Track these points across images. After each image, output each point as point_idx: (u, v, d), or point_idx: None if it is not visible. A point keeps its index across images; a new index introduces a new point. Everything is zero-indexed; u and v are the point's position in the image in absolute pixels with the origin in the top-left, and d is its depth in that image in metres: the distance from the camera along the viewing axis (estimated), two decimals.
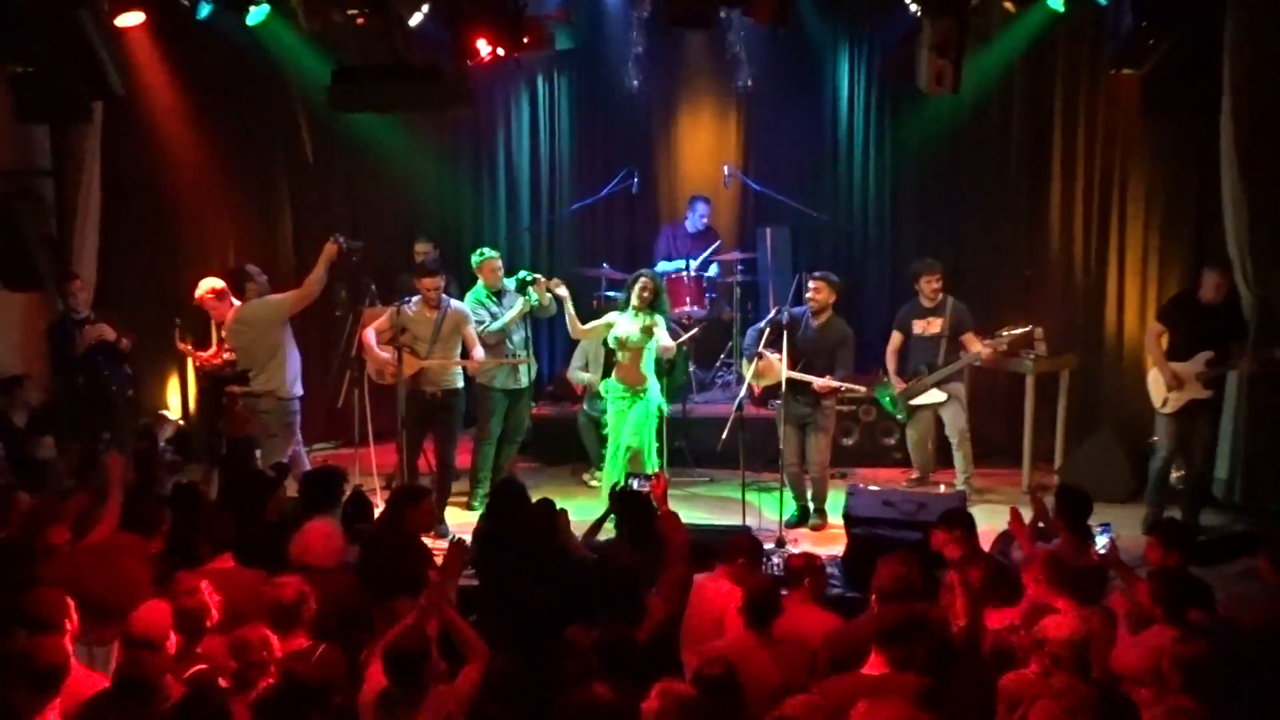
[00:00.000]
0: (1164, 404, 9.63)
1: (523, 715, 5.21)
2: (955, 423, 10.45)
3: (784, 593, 6.45)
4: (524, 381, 10.51)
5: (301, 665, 5.45)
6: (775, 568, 8.15)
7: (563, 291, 10.04)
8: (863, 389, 10.22)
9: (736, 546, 6.87)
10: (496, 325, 10.22)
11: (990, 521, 8.45)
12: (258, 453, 9.77)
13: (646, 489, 7.85)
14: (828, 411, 9.96)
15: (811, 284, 9.87)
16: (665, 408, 10.04)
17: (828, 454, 10.08)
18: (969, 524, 7.11)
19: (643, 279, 9.93)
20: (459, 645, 5.80)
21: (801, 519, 10.04)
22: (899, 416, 10.81)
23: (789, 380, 9.62)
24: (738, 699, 5.09)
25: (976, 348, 10.26)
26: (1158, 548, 6.74)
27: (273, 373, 9.78)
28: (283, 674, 5.28)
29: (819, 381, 9.65)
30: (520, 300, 10.28)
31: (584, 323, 10.06)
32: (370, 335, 9.97)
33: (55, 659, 5.32)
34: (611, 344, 10.09)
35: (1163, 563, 6.54)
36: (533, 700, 5.29)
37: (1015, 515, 7.46)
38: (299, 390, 10.00)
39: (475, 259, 10.55)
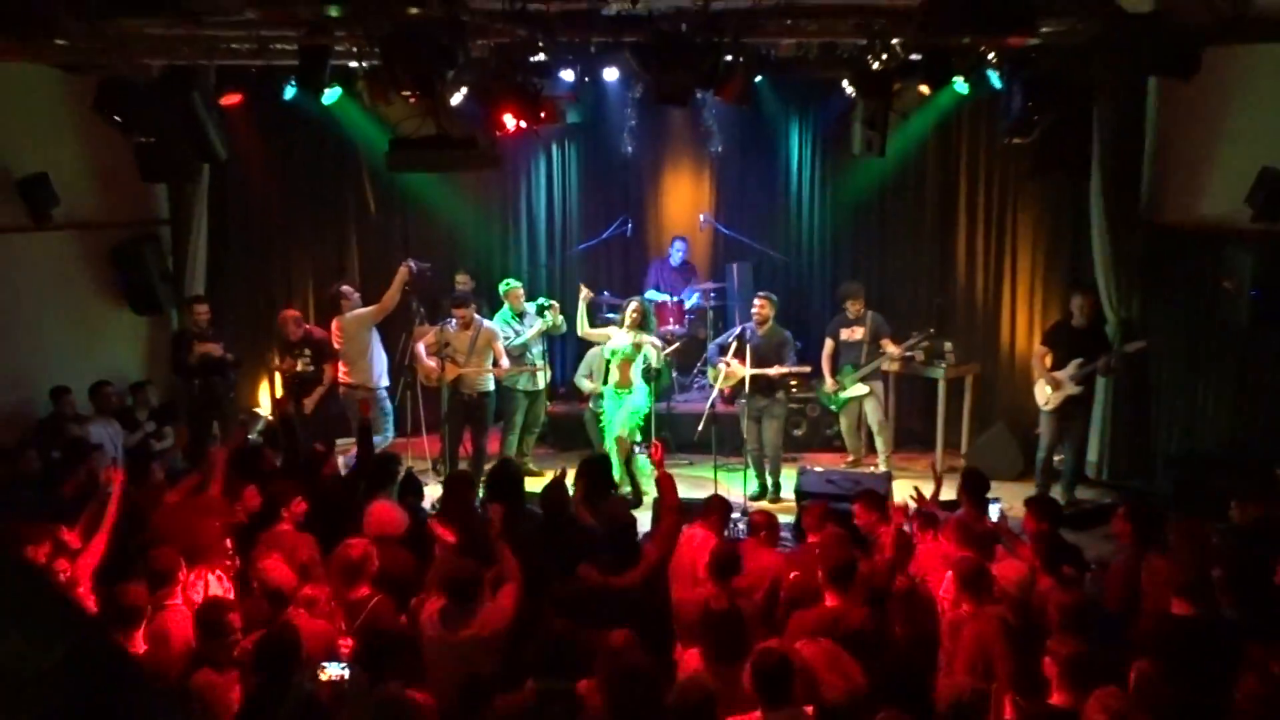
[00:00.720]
0: (1046, 403, 9.74)
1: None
2: (875, 414, 10.53)
3: (746, 538, 6.59)
4: (541, 385, 10.61)
5: (384, 621, 5.51)
6: (740, 532, 8.21)
7: (583, 293, 10.14)
8: (808, 369, 10.32)
9: (712, 506, 7.08)
10: (519, 341, 10.31)
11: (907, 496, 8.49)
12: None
13: (647, 454, 7.85)
14: (780, 404, 10.06)
15: (757, 301, 10.04)
16: (650, 405, 10.10)
17: (780, 438, 10.16)
18: (879, 501, 7.17)
19: (633, 304, 10.01)
20: (501, 569, 5.83)
21: (761, 494, 10.12)
22: (832, 407, 10.88)
23: (751, 381, 9.71)
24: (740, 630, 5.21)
25: (890, 349, 10.35)
26: (1030, 518, 6.81)
27: (363, 368, 10.08)
28: (368, 630, 5.32)
29: (774, 370, 9.79)
30: (539, 321, 10.38)
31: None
32: (421, 348, 10.06)
33: (135, 601, 5.41)
34: (606, 355, 10.17)
35: (1036, 529, 6.60)
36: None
37: (919, 494, 7.49)
38: (385, 381, 10.27)
39: (502, 288, 10.67)
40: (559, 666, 4.77)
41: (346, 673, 4.71)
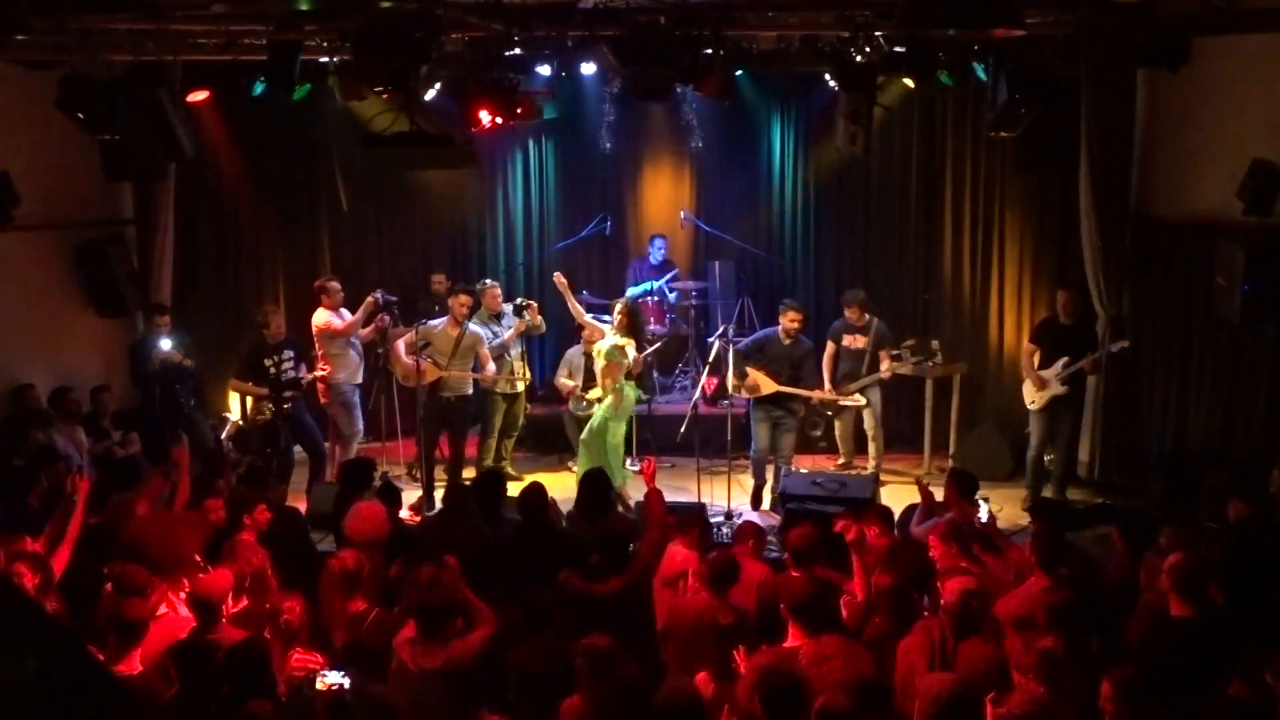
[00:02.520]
0: (1033, 402, 9.78)
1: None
2: (871, 421, 10.52)
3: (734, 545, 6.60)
4: (520, 387, 10.60)
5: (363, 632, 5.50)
6: (725, 536, 8.20)
7: (563, 281, 10.07)
8: (837, 398, 10.38)
9: (691, 521, 6.92)
10: (497, 342, 10.29)
11: (896, 499, 8.54)
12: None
13: (638, 469, 7.87)
14: (796, 413, 10.02)
15: (792, 313, 9.85)
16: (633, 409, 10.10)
17: (793, 446, 10.14)
18: (883, 515, 7.21)
19: (620, 305, 9.92)
20: (473, 616, 5.80)
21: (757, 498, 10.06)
22: (828, 410, 10.88)
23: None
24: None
25: (886, 365, 10.34)
26: (1034, 520, 6.85)
27: (336, 366, 10.18)
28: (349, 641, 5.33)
29: (817, 393, 9.97)
30: (517, 321, 10.36)
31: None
32: (400, 346, 10.03)
33: (139, 615, 5.42)
34: (594, 353, 10.16)
35: (1037, 530, 6.60)
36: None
37: (924, 491, 7.57)
38: (355, 380, 10.42)
39: (478, 288, 10.63)
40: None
41: (346, 681, 4.69)
